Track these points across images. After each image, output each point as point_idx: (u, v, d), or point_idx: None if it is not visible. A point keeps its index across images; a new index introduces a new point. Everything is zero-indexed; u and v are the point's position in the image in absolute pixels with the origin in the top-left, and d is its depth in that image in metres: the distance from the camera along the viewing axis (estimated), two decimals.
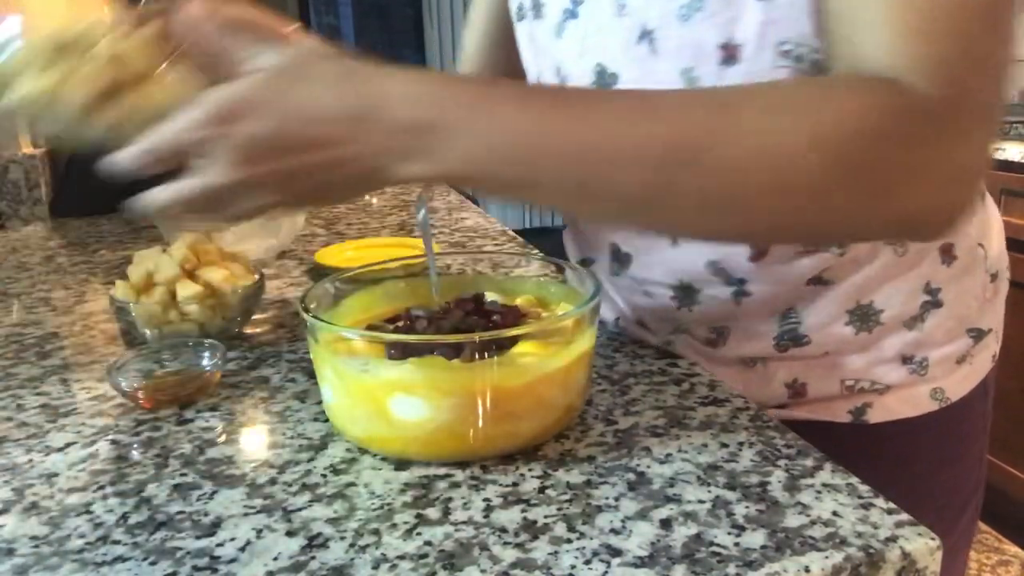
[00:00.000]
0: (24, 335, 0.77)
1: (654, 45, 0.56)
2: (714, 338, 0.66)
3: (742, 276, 0.61)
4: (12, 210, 1.36)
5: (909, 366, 0.64)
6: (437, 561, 0.40)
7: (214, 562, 0.41)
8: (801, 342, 0.63)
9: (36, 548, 0.43)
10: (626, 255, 0.67)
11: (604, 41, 0.60)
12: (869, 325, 0.62)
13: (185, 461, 0.51)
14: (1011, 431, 1.69)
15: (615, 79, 0.60)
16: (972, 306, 0.65)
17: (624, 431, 0.53)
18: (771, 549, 0.40)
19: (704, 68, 0.55)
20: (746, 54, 0.53)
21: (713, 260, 0.61)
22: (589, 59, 0.61)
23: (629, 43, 0.58)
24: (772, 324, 0.63)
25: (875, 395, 0.64)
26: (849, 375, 0.63)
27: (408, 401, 0.48)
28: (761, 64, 0.53)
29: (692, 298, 0.64)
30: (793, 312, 0.62)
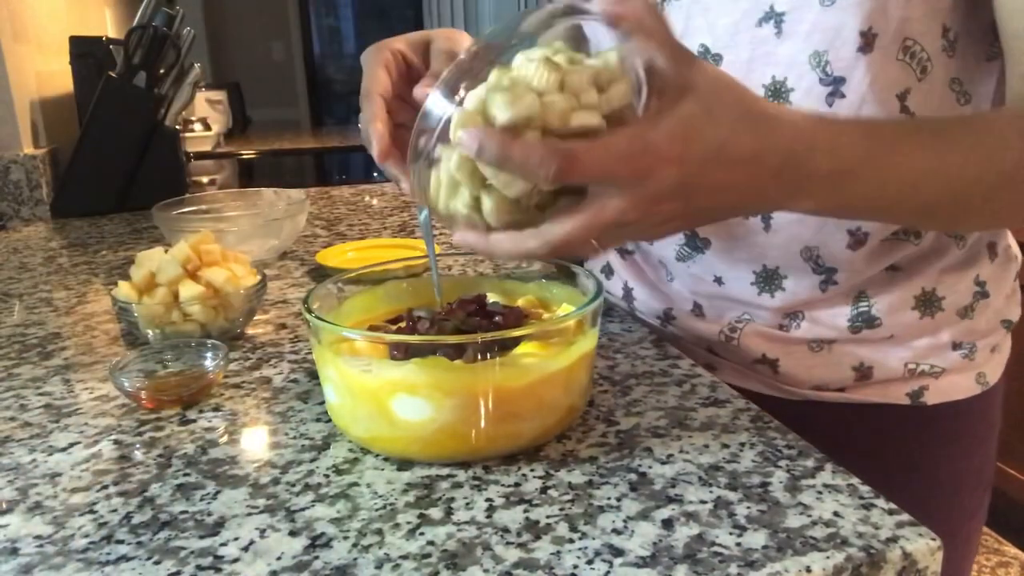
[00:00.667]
0: (26, 335, 0.77)
1: (781, 27, 0.58)
2: (787, 323, 0.68)
3: (833, 265, 0.64)
4: (14, 210, 1.37)
5: (960, 351, 0.68)
6: (440, 561, 0.40)
7: (217, 562, 0.41)
8: (873, 324, 0.66)
9: (40, 547, 0.43)
10: (704, 240, 0.68)
11: (712, 21, 0.62)
12: (932, 311, 0.66)
13: (188, 461, 0.51)
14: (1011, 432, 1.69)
15: (718, 60, 0.62)
16: (1003, 300, 0.70)
17: (626, 432, 0.53)
18: (772, 549, 0.40)
19: (838, 53, 0.57)
20: (880, 44, 0.56)
21: (810, 247, 0.63)
22: (692, 40, 0.63)
23: (746, 24, 0.60)
24: (847, 307, 0.66)
25: (931, 378, 0.68)
26: (912, 358, 0.67)
27: (410, 401, 0.48)
28: (888, 55, 0.56)
29: (776, 284, 0.66)
30: (865, 296, 0.66)
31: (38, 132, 1.44)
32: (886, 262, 0.64)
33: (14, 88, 1.35)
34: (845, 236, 0.62)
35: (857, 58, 0.56)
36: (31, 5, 1.47)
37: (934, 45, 0.57)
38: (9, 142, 1.36)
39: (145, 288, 0.72)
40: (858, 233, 0.62)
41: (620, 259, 0.79)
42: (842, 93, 0.58)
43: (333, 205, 1.39)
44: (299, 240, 1.11)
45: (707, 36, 0.62)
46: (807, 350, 0.68)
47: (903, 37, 0.56)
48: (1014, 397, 0.76)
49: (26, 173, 1.35)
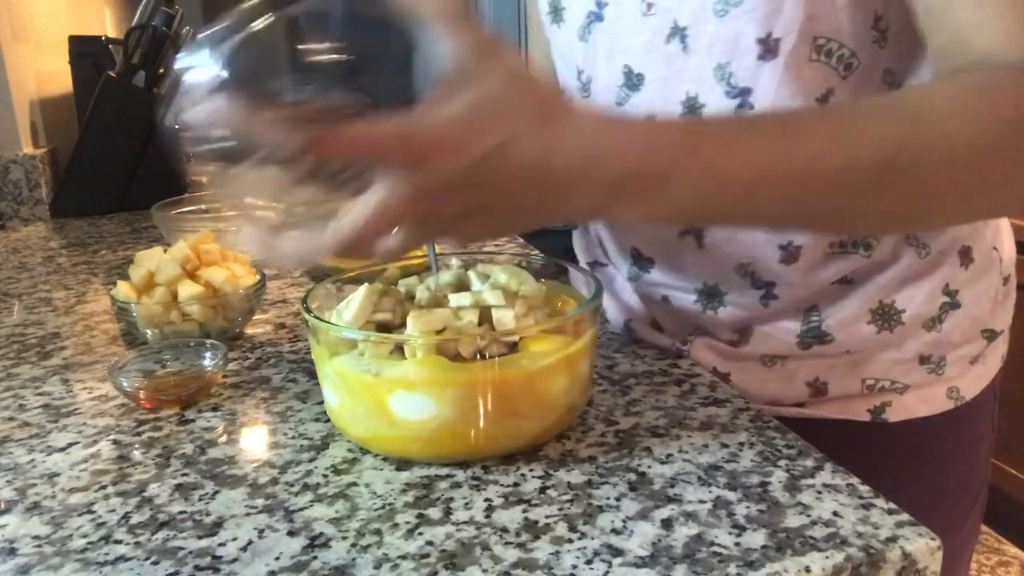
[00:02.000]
0: (25, 335, 0.77)
1: (686, 42, 0.57)
2: (736, 339, 0.66)
3: (770, 279, 0.62)
4: (13, 210, 1.37)
5: (927, 366, 0.64)
6: (439, 561, 0.40)
7: (216, 562, 0.41)
8: (824, 340, 0.63)
9: (39, 548, 0.43)
10: (648, 258, 0.67)
11: (631, 42, 0.61)
12: (891, 325, 0.63)
13: (186, 461, 0.51)
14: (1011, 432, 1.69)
15: (641, 80, 0.61)
16: (986, 308, 0.66)
17: (625, 431, 0.53)
18: (772, 549, 0.40)
19: (739, 63, 0.56)
20: (784, 48, 0.54)
21: (743, 263, 0.62)
22: (616, 61, 0.62)
23: (657, 42, 0.59)
24: (796, 323, 0.64)
25: (894, 394, 0.65)
26: (870, 374, 0.64)
27: (409, 400, 0.48)
28: (797, 59, 0.54)
29: (718, 300, 0.65)
30: (816, 310, 0.63)
31: (37, 132, 1.44)
32: (832, 275, 0.62)
33: (13, 88, 1.35)
34: (776, 251, 0.60)
35: (759, 66, 0.55)
36: (30, 5, 1.47)
37: (860, 38, 0.54)
38: (8, 142, 1.36)
39: (144, 288, 0.72)
40: (789, 247, 0.60)
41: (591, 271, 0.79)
42: (750, 104, 0.56)
43: None
44: None
45: (629, 56, 0.61)
46: (759, 364, 0.66)
47: (812, 37, 0.54)
48: (1014, 397, 0.75)
49: (25, 173, 1.35)
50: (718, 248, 0.62)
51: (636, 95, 0.62)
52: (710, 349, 0.67)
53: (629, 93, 0.62)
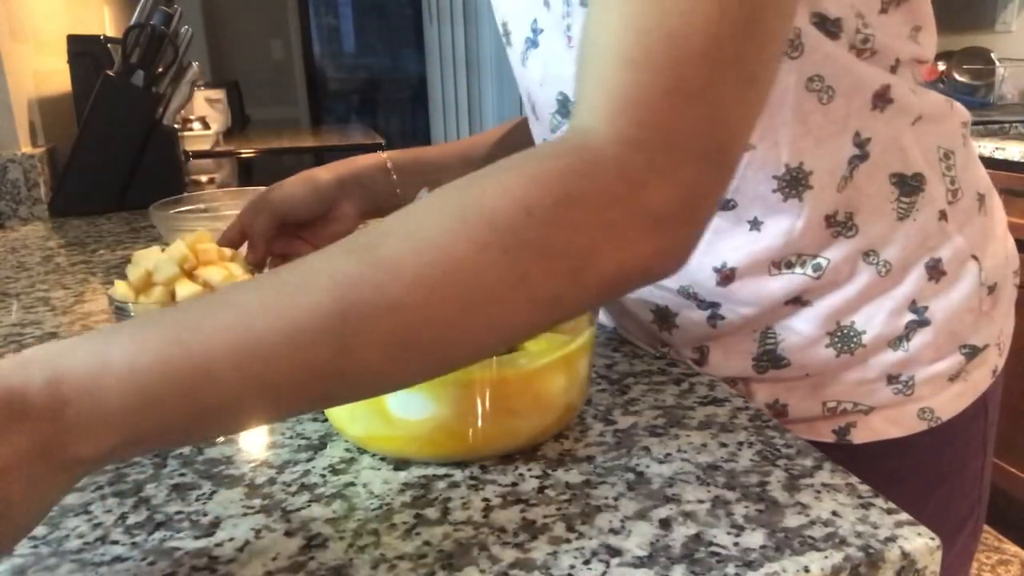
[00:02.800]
0: (23, 335, 0.77)
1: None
2: (697, 357, 0.65)
3: (714, 300, 0.61)
4: (11, 210, 1.36)
5: (894, 386, 0.61)
6: (436, 561, 0.40)
7: (213, 562, 0.41)
8: (780, 364, 0.61)
9: (35, 548, 0.43)
10: None
11: (562, 71, 0.60)
12: (851, 347, 0.60)
13: (184, 461, 0.51)
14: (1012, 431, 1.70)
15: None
16: (965, 322, 0.61)
17: (623, 431, 0.53)
18: (770, 549, 0.40)
19: None
20: None
21: (684, 286, 0.61)
22: (550, 88, 0.62)
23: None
24: (751, 344, 0.62)
25: (859, 415, 0.62)
26: (831, 396, 0.62)
27: (407, 400, 0.48)
28: None
29: (670, 320, 0.64)
30: (772, 332, 0.61)
31: (36, 131, 1.43)
32: (779, 297, 0.59)
33: (12, 87, 1.35)
34: (712, 274, 0.59)
35: None
36: (29, 4, 1.47)
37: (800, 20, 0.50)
38: (7, 141, 1.36)
39: (141, 287, 0.72)
40: (724, 269, 0.59)
41: None
42: None
43: None
44: None
45: (565, 84, 0.60)
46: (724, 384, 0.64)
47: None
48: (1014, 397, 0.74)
49: (24, 172, 1.35)
50: None
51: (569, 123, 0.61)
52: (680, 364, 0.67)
53: (562, 120, 0.62)
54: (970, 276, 0.61)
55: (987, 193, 0.65)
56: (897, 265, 0.58)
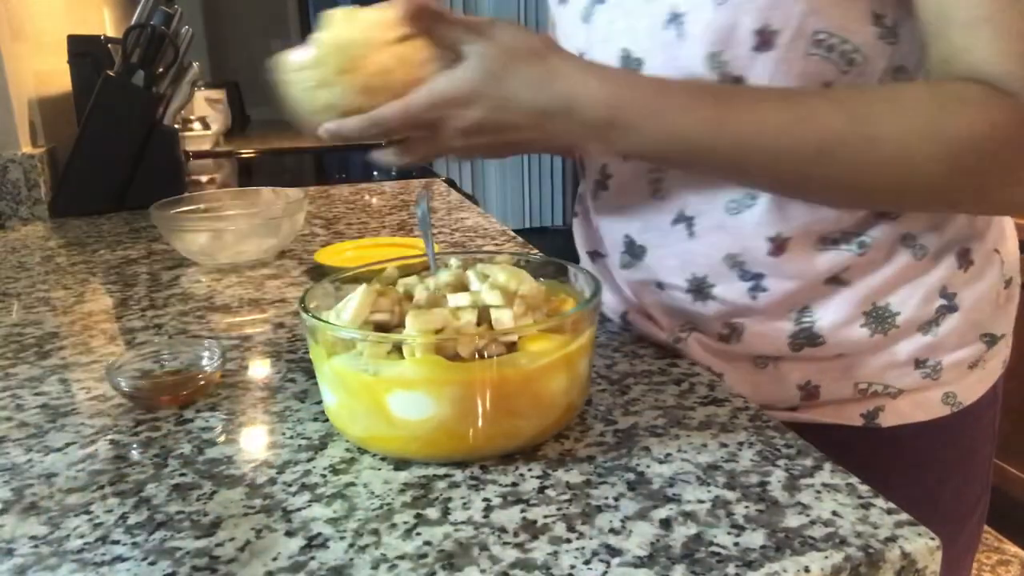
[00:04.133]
0: (24, 335, 0.77)
1: (682, 28, 0.57)
2: (727, 334, 0.65)
3: (760, 271, 0.62)
4: (12, 210, 1.36)
5: (922, 370, 0.63)
6: (436, 561, 0.40)
7: (213, 562, 0.41)
8: (816, 342, 0.63)
9: (36, 548, 0.43)
10: (640, 248, 0.67)
11: (632, 25, 0.61)
12: (884, 327, 0.62)
13: (184, 461, 0.51)
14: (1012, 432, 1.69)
15: (640, 64, 0.61)
16: (986, 311, 0.64)
17: (624, 431, 0.53)
18: (771, 549, 0.40)
19: (733, 52, 0.56)
20: (781, 41, 0.55)
21: (732, 254, 0.62)
22: (614, 44, 0.62)
23: (656, 28, 0.59)
24: (787, 322, 0.63)
25: (887, 398, 0.64)
26: (862, 378, 0.63)
27: (408, 400, 0.48)
28: (794, 52, 0.55)
29: (706, 292, 0.64)
30: (808, 311, 0.62)
31: (36, 131, 1.43)
32: (823, 272, 0.61)
33: (12, 87, 1.35)
34: (765, 243, 0.60)
35: (753, 57, 0.55)
36: (29, 4, 1.47)
37: (863, 34, 0.55)
38: (7, 141, 1.36)
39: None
40: (778, 240, 0.60)
41: (591, 262, 0.78)
42: None
43: (332, 204, 1.39)
44: (298, 239, 1.11)
45: (628, 40, 0.61)
46: (751, 366, 0.65)
47: (811, 31, 0.54)
48: (1014, 397, 0.74)
49: (24, 172, 1.35)
50: (707, 238, 0.62)
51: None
52: (704, 348, 0.67)
53: None
54: (994, 268, 0.65)
55: None
56: (932, 251, 0.62)
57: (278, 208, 1.05)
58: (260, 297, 0.86)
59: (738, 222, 0.61)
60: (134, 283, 0.93)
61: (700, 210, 0.62)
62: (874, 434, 0.64)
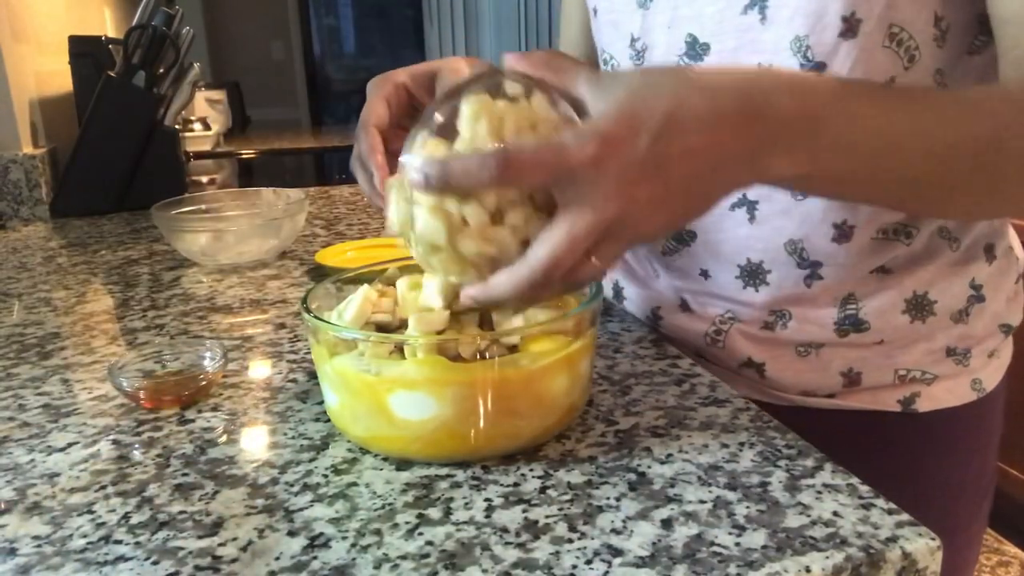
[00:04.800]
0: (25, 335, 0.77)
1: (766, 12, 0.58)
2: (772, 321, 0.67)
3: (818, 259, 0.63)
4: (13, 210, 1.37)
5: (954, 357, 0.66)
6: (439, 561, 0.40)
7: (216, 562, 0.41)
8: (861, 328, 0.65)
9: (39, 548, 0.43)
10: (690, 232, 0.67)
11: (699, 10, 0.61)
12: (924, 315, 0.64)
13: (186, 461, 0.51)
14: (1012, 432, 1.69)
15: (706, 49, 0.62)
16: (1003, 303, 0.68)
17: (625, 431, 0.53)
18: (772, 549, 0.40)
19: (819, 38, 0.57)
20: (864, 29, 0.55)
21: (794, 239, 0.63)
22: (679, 30, 0.63)
23: (731, 12, 0.60)
24: (834, 309, 0.65)
25: (924, 385, 0.66)
26: (902, 364, 0.66)
27: (409, 400, 0.48)
28: (873, 42, 0.56)
29: (760, 279, 0.65)
30: (854, 298, 0.64)
31: (37, 132, 1.43)
32: (874, 263, 0.63)
33: (13, 88, 1.35)
34: (830, 229, 0.62)
35: (838, 43, 0.56)
36: (30, 5, 1.47)
37: (924, 34, 0.56)
38: (8, 142, 1.36)
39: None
40: (844, 227, 0.61)
41: None
42: None
43: (332, 205, 1.39)
44: (298, 240, 1.11)
45: (694, 25, 0.62)
46: (794, 354, 0.67)
47: (889, 24, 0.55)
48: (1014, 397, 0.75)
49: (25, 173, 1.35)
50: (770, 223, 0.63)
51: (699, 65, 0.62)
52: (745, 337, 0.67)
53: (690, 62, 0.63)
54: (1012, 264, 0.69)
55: None
56: (965, 245, 0.65)
57: (279, 209, 1.05)
58: (261, 298, 0.86)
59: (805, 207, 0.61)
60: (135, 283, 0.94)
61: (765, 194, 0.63)
62: (909, 420, 0.67)
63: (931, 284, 0.65)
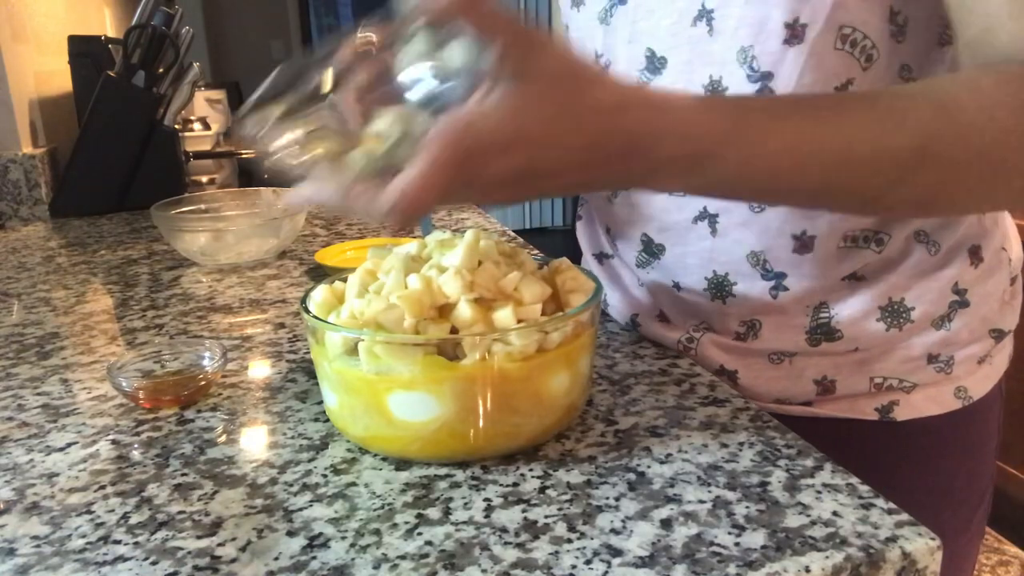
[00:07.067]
0: (24, 335, 0.77)
1: (712, 24, 0.57)
2: (743, 332, 0.66)
3: (782, 270, 0.62)
4: (12, 210, 1.37)
5: (935, 365, 0.64)
6: (438, 561, 0.40)
7: (215, 562, 0.41)
8: (833, 337, 0.63)
9: (37, 548, 0.43)
10: (659, 246, 0.67)
11: (655, 25, 0.61)
12: (900, 322, 0.63)
13: (185, 461, 0.51)
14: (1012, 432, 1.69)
15: (664, 63, 0.61)
16: (995, 307, 0.66)
17: (624, 431, 0.53)
18: (771, 549, 0.40)
19: (763, 47, 0.56)
20: (810, 35, 0.55)
21: (755, 251, 0.62)
22: (639, 44, 0.62)
23: (682, 25, 0.59)
24: (805, 318, 0.64)
25: (902, 393, 0.65)
26: (878, 372, 0.64)
27: (408, 400, 0.48)
28: (822, 46, 0.55)
29: (726, 290, 0.64)
30: (826, 306, 0.63)
31: (37, 131, 1.43)
32: (844, 270, 0.62)
33: (13, 87, 1.35)
34: (790, 240, 0.60)
35: (784, 51, 0.55)
36: (30, 4, 1.47)
37: (880, 32, 0.55)
38: (8, 141, 1.36)
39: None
40: (803, 237, 0.60)
41: (597, 264, 0.78)
42: (770, 89, 0.57)
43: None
44: (298, 239, 1.11)
45: (652, 39, 0.61)
46: (767, 362, 0.66)
47: (839, 26, 0.54)
48: (1014, 397, 0.75)
49: (25, 173, 1.35)
50: (731, 235, 0.62)
51: (657, 79, 0.62)
52: (717, 346, 0.67)
53: (650, 77, 0.63)
54: (1002, 266, 0.66)
55: None
56: (945, 248, 0.62)
57: (278, 209, 1.05)
58: (261, 297, 0.86)
59: (764, 219, 0.61)
60: (135, 283, 0.94)
61: (724, 207, 0.62)
62: (888, 428, 0.65)
63: (907, 290, 0.62)
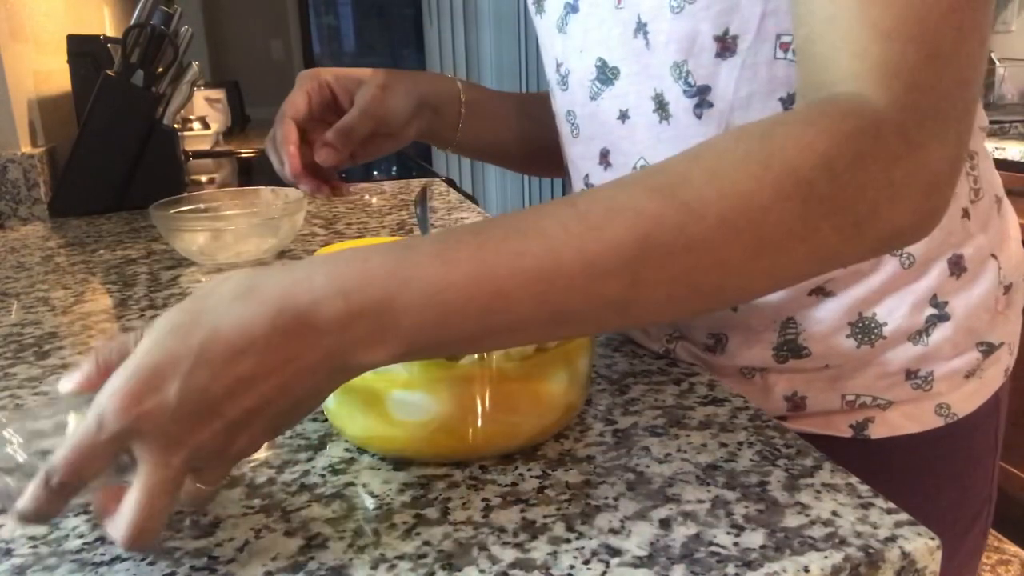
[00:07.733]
0: (23, 335, 0.77)
1: (648, 38, 0.56)
2: (712, 344, 0.64)
3: None
4: (11, 209, 1.36)
5: (913, 381, 0.61)
6: (436, 561, 0.40)
7: (212, 562, 0.41)
8: (801, 354, 0.61)
9: (34, 548, 0.43)
10: None
11: (605, 35, 0.60)
12: (871, 339, 0.60)
13: None
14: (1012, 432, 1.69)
15: (616, 73, 0.60)
16: (983, 319, 0.62)
17: (623, 431, 0.53)
18: (770, 549, 0.40)
19: (697, 61, 0.55)
20: (743, 46, 0.53)
21: None
22: (590, 54, 0.61)
23: (627, 37, 0.58)
24: (772, 333, 0.61)
25: (877, 410, 0.62)
26: (850, 389, 0.62)
27: (407, 399, 0.48)
28: (758, 57, 0.53)
29: None
30: (793, 322, 0.61)
31: (36, 131, 1.43)
32: (809, 283, 0.59)
33: (11, 87, 1.35)
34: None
35: (717, 64, 0.54)
36: (28, 4, 1.47)
37: None
38: (6, 141, 1.36)
39: None
40: None
41: None
42: (709, 103, 0.55)
43: (331, 204, 1.39)
44: (297, 239, 1.11)
45: (603, 49, 0.60)
46: (739, 376, 0.64)
47: (776, 34, 0.52)
48: (1014, 397, 0.74)
49: (24, 172, 1.35)
50: None
51: (609, 89, 0.61)
52: (692, 357, 0.66)
53: (602, 87, 0.62)
54: (990, 274, 0.62)
55: (1002, 196, 0.66)
56: (921, 259, 0.59)
57: (278, 208, 1.05)
58: None
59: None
60: (134, 283, 0.93)
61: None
62: (862, 446, 0.62)
63: (878, 304, 0.59)
